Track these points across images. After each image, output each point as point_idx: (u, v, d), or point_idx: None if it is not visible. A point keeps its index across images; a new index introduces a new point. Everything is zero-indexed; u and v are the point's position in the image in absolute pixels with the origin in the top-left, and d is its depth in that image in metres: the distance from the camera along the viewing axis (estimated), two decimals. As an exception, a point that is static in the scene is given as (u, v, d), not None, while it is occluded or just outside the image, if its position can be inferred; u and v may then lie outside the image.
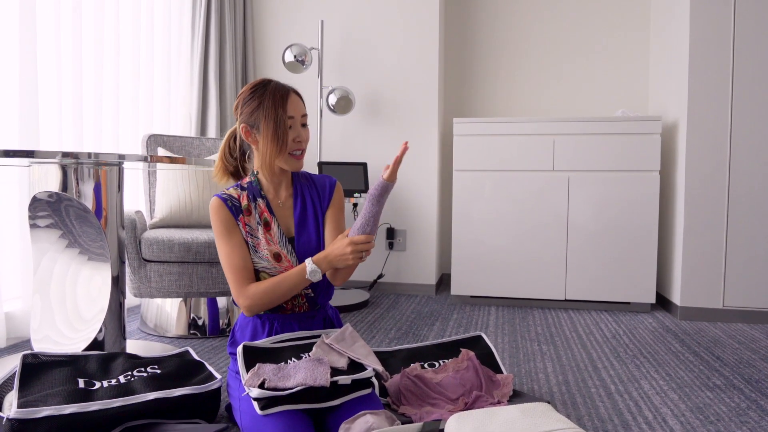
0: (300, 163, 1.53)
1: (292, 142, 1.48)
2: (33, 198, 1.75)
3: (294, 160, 1.51)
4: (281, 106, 1.46)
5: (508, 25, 3.60)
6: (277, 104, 1.46)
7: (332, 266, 1.45)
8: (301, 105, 1.51)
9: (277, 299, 1.46)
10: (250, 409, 1.29)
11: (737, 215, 2.70)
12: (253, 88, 1.49)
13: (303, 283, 1.46)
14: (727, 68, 2.68)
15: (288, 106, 1.47)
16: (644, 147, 2.88)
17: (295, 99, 1.50)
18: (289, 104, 1.48)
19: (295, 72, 3.19)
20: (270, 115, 1.45)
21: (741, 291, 2.71)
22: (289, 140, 1.48)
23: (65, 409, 1.27)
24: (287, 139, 1.47)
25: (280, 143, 1.46)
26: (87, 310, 1.82)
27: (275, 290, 1.45)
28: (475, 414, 1.15)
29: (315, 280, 1.45)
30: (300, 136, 1.50)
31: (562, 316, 2.85)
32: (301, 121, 1.51)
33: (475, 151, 3.06)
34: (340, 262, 1.43)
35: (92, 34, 2.59)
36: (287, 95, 1.48)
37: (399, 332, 2.49)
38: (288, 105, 1.47)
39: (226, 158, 1.60)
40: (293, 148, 1.49)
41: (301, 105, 1.52)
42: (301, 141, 1.50)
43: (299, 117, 1.50)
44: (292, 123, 1.48)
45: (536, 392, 1.78)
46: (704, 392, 1.78)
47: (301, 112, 1.51)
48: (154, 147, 2.64)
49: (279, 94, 1.47)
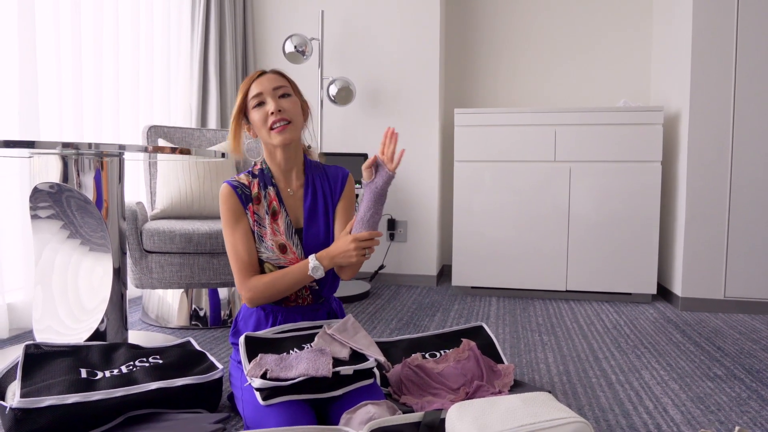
0: (285, 136, 1.46)
1: (265, 118, 1.46)
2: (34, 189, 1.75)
3: (276, 135, 1.46)
4: (245, 89, 1.49)
5: (509, 15, 3.58)
6: (243, 90, 1.50)
7: (335, 264, 1.44)
8: (272, 80, 1.48)
9: (279, 293, 1.45)
10: (253, 399, 1.29)
11: (739, 206, 2.69)
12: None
13: (306, 279, 1.45)
14: (730, 57, 2.66)
15: (252, 86, 1.48)
16: (646, 137, 2.87)
17: (265, 76, 1.49)
18: (254, 84, 1.48)
19: (295, 63, 3.18)
20: (237, 103, 1.50)
21: (742, 282, 2.71)
22: (262, 117, 1.46)
23: (68, 398, 1.28)
24: (254, 117, 1.48)
25: (254, 124, 1.49)
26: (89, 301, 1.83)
27: (277, 284, 1.44)
28: (476, 403, 1.15)
29: (317, 276, 1.44)
30: (272, 108, 1.45)
31: (563, 306, 2.85)
32: (275, 94, 1.47)
33: (476, 141, 3.05)
34: (344, 259, 1.42)
35: (92, 25, 2.57)
36: (253, 77, 1.49)
37: (400, 323, 2.50)
38: (252, 85, 1.48)
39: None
40: (270, 121, 1.46)
41: (273, 79, 1.48)
42: (275, 112, 1.45)
43: (269, 91, 1.47)
44: (261, 99, 1.47)
45: (537, 382, 1.79)
46: (705, 382, 1.79)
47: (271, 86, 1.47)
48: (154, 138, 2.64)
49: (247, 80, 1.50)
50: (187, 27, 3.19)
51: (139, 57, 2.88)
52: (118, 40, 2.72)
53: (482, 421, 1.08)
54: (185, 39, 3.19)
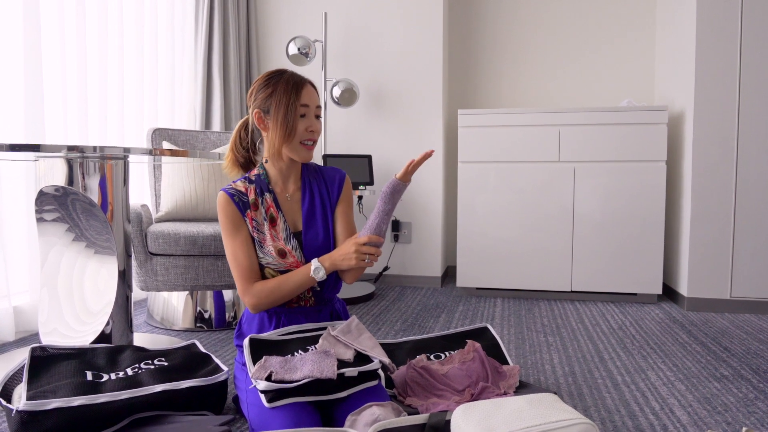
0: (310, 154, 1.51)
1: (304, 131, 1.47)
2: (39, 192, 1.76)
3: (305, 150, 1.49)
4: (295, 92, 1.46)
5: (512, 16, 3.57)
6: (290, 90, 1.46)
7: (336, 266, 1.45)
8: (315, 96, 1.51)
9: (282, 297, 1.46)
10: (257, 401, 1.29)
11: (745, 205, 2.68)
12: (269, 75, 1.49)
13: (308, 281, 1.45)
14: (735, 56, 2.65)
15: (302, 93, 1.47)
16: (650, 137, 2.86)
17: (310, 89, 1.50)
18: (304, 92, 1.47)
19: (298, 64, 3.18)
20: (282, 100, 1.45)
21: (748, 281, 2.69)
22: (301, 129, 1.47)
23: (74, 401, 1.28)
24: (297, 125, 1.46)
25: (289, 128, 1.45)
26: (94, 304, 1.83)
27: (280, 288, 1.44)
28: (481, 405, 1.15)
29: (319, 278, 1.44)
30: (313, 125, 1.49)
31: (568, 307, 2.84)
32: (315, 112, 1.50)
33: (479, 142, 3.04)
34: (344, 262, 1.43)
35: (96, 28, 2.58)
36: (302, 84, 1.48)
37: (405, 324, 2.49)
38: (302, 93, 1.47)
39: (237, 149, 1.59)
40: (305, 137, 1.48)
41: (316, 96, 1.51)
42: (314, 131, 1.49)
43: (313, 107, 1.49)
44: (306, 111, 1.47)
45: (543, 383, 1.78)
46: (712, 383, 1.78)
47: (316, 103, 1.50)
48: (158, 141, 2.65)
49: (293, 81, 1.47)
50: (191, 30, 3.20)
51: (143, 60, 2.89)
52: (122, 44, 2.74)
53: (488, 423, 1.08)
54: (189, 42, 3.20)
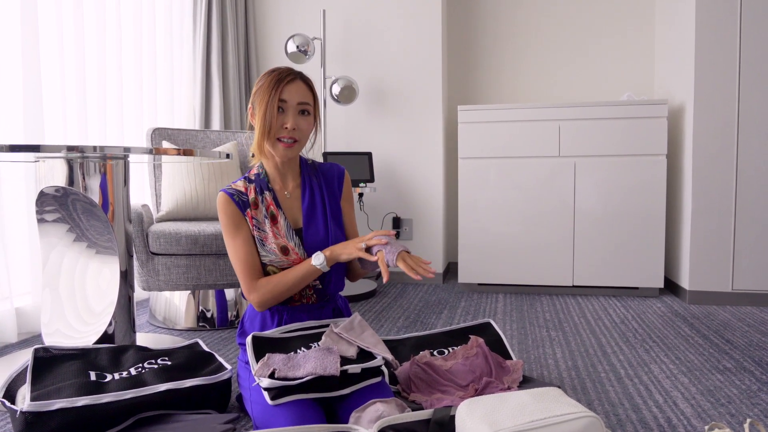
0: (287, 152, 1.45)
1: (280, 128, 1.44)
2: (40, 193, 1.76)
3: (281, 147, 1.45)
4: (275, 87, 1.42)
5: (512, 11, 3.57)
6: (271, 86, 1.43)
7: (335, 255, 1.45)
8: (301, 92, 1.46)
9: (287, 292, 1.46)
10: (261, 398, 1.29)
11: (745, 198, 2.68)
12: (267, 72, 1.48)
13: (311, 272, 1.45)
14: (734, 49, 2.64)
15: (282, 88, 1.43)
16: (651, 131, 2.86)
17: (295, 85, 1.45)
18: (286, 88, 1.43)
19: (298, 62, 3.18)
20: (264, 96, 1.43)
21: (750, 274, 2.69)
22: (277, 124, 1.43)
23: (78, 401, 1.28)
24: (274, 121, 1.42)
25: (267, 124, 1.42)
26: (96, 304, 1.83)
27: (284, 282, 1.45)
28: (485, 399, 1.15)
29: (318, 264, 1.44)
30: (288, 122, 1.43)
31: (570, 302, 2.84)
32: (297, 108, 1.45)
33: (480, 138, 3.04)
34: (344, 250, 1.44)
35: (95, 27, 2.58)
36: (284, 79, 1.44)
37: (407, 321, 2.50)
38: (283, 88, 1.43)
39: None
40: (280, 133, 1.44)
41: (302, 92, 1.46)
42: (288, 128, 1.43)
43: (293, 103, 1.44)
44: (283, 106, 1.44)
45: (546, 378, 1.78)
46: (715, 375, 1.78)
47: (297, 99, 1.45)
48: (158, 140, 2.64)
49: (278, 77, 1.44)
50: (189, 29, 3.19)
51: (142, 60, 2.89)
52: (121, 43, 2.73)
53: (492, 418, 1.08)
54: (187, 41, 3.20)
